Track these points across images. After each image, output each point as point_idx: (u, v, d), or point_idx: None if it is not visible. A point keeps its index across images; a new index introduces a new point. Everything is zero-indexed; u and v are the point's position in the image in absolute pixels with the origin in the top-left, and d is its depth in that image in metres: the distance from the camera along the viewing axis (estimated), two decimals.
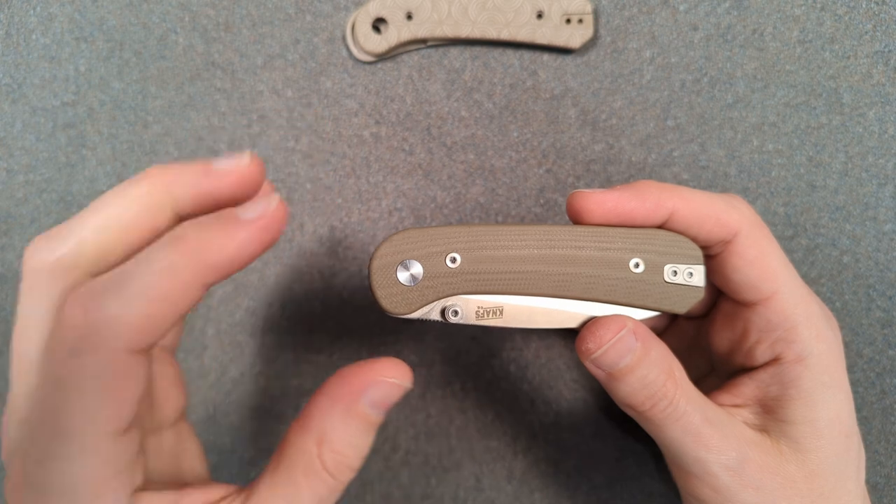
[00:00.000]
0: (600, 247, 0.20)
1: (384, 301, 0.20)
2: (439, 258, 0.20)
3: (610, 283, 0.20)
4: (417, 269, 0.20)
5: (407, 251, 0.20)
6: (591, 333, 0.20)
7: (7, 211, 0.31)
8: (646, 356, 0.20)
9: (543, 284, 0.20)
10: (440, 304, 0.20)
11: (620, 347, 0.20)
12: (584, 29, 0.30)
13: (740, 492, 0.20)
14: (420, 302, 0.20)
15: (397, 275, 0.20)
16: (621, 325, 0.20)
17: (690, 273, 0.21)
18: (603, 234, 0.20)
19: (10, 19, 0.32)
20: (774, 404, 0.21)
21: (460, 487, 0.30)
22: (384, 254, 0.20)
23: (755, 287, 0.21)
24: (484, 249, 0.20)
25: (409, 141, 0.32)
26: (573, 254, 0.20)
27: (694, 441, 0.20)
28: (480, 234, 0.20)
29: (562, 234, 0.20)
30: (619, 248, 0.20)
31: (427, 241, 0.20)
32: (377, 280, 0.20)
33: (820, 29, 0.31)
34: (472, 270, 0.20)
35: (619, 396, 0.21)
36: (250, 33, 0.32)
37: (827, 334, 0.21)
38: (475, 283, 0.20)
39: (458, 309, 0.20)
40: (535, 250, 0.20)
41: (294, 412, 0.31)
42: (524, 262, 0.20)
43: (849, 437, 0.21)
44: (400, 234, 0.20)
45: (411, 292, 0.20)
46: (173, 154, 0.31)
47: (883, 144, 0.31)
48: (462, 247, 0.20)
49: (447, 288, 0.20)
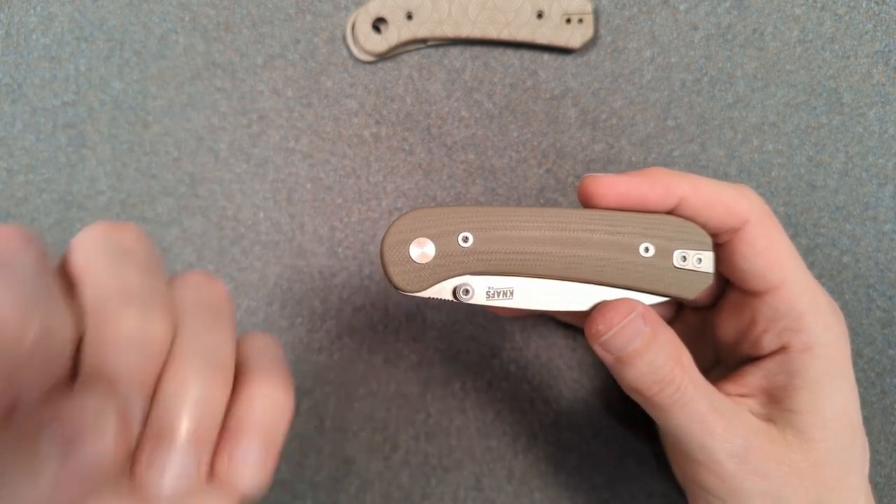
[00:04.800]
0: (611, 230, 0.20)
1: (396, 278, 0.20)
2: (451, 237, 0.20)
3: (620, 266, 0.20)
4: (430, 248, 0.20)
5: (420, 229, 0.20)
6: (600, 316, 0.20)
7: (7, 211, 0.31)
8: (654, 340, 0.20)
9: (554, 266, 0.20)
10: (451, 284, 0.20)
11: (629, 331, 0.20)
12: (584, 29, 0.30)
13: (745, 480, 0.20)
14: (431, 280, 0.20)
15: (410, 252, 0.20)
16: (631, 309, 0.20)
17: (699, 259, 0.21)
18: (614, 218, 0.21)
19: (10, 19, 0.32)
20: (781, 394, 0.21)
21: (460, 487, 0.30)
22: (397, 231, 0.20)
23: (763, 276, 0.21)
24: (496, 230, 0.20)
25: (409, 141, 0.32)
26: (584, 236, 0.20)
27: (700, 428, 0.20)
28: (493, 215, 0.20)
29: (574, 216, 0.20)
30: (630, 233, 0.20)
31: (440, 219, 0.20)
32: (389, 257, 0.20)
33: (820, 29, 0.31)
34: (484, 250, 0.20)
35: (626, 381, 0.21)
36: (250, 33, 0.32)
37: (834, 325, 0.21)
38: (487, 262, 0.20)
39: (469, 288, 0.20)
40: (547, 232, 0.20)
41: (294, 411, 0.31)
42: (536, 244, 0.20)
43: (854, 429, 0.21)
44: (413, 213, 0.20)
45: (423, 270, 0.20)
46: (173, 154, 0.31)
47: (883, 144, 0.31)
48: (474, 226, 0.20)
49: (459, 267, 0.20)
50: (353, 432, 0.31)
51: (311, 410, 0.31)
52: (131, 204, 0.31)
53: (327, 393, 0.31)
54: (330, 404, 0.31)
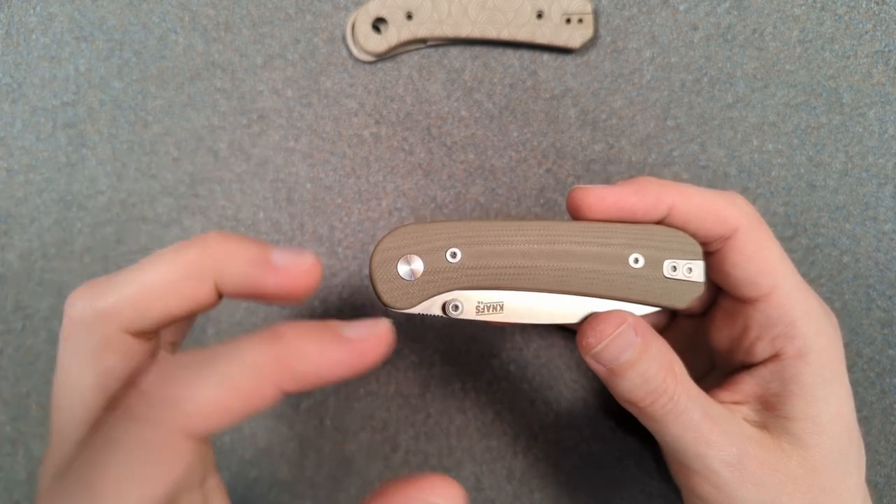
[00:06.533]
0: (600, 242, 0.20)
1: (385, 296, 0.20)
2: (440, 253, 0.20)
3: (610, 278, 0.20)
4: (418, 264, 0.20)
5: (408, 246, 0.20)
6: (591, 328, 0.20)
7: (7, 211, 0.31)
8: (646, 351, 0.20)
9: (544, 279, 0.20)
10: (441, 299, 0.20)
11: (621, 342, 0.20)
12: (584, 29, 0.30)
13: (741, 488, 0.20)
14: (421, 297, 0.20)
15: (398, 269, 0.20)
16: (621, 320, 0.20)
17: (690, 268, 0.21)
18: (603, 230, 0.21)
19: (10, 19, 0.32)
20: (775, 400, 0.21)
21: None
22: (385, 248, 0.20)
23: (755, 283, 0.21)
24: (484, 244, 0.20)
25: (409, 141, 0.32)
26: (573, 249, 0.20)
27: (695, 437, 0.20)
28: (481, 229, 0.20)
29: (562, 229, 0.20)
30: (619, 244, 0.20)
31: (428, 236, 0.20)
32: (378, 275, 0.20)
33: (820, 29, 0.31)
34: (473, 265, 0.20)
35: (619, 392, 0.21)
36: (250, 33, 0.32)
37: (827, 330, 0.22)
38: (476, 277, 0.20)
39: (458, 304, 0.20)
40: (536, 245, 0.20)
41: (294, 411, 0.31)
42: (524, 258, 0.20)
43: (850, 433, 0.21)
44: (401, 230, 0.20)
45: (412, 287, 0.20)
46: (173, 154, 0.31)
47: (883, 144, 0.31)
48: (462, 242, 0.20)
49: (448, 283, 0.20)
50: (353, 432, 0.31)
51: (311, 410, 0.31)
52: (131, 204, 0.31)
53: (327, 393, 0.31)
54: (330, 404, 0.31)
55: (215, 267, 0.17)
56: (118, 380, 0.17)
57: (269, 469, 0.31)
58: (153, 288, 0.16)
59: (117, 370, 0.17)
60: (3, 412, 0.31)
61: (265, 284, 0.17)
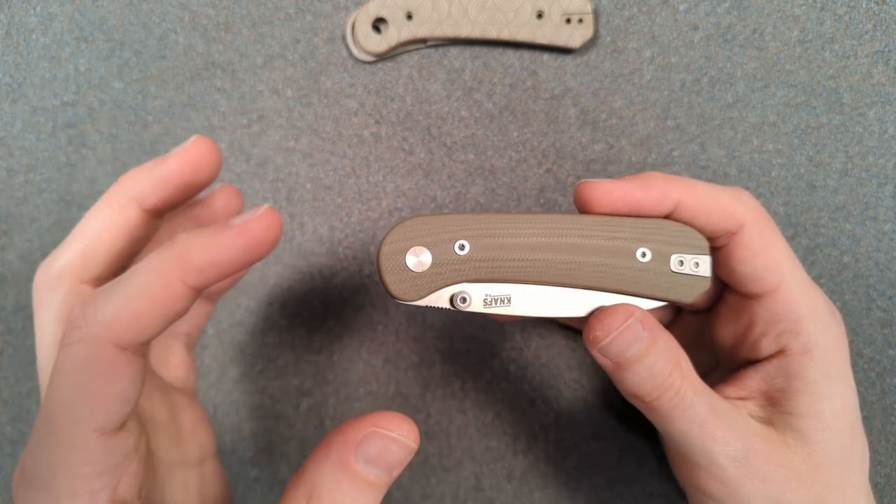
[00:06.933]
0: (608, 236, 0.20)
1: (393, 287, 0.20)
2: (448, 245, 0.20)
3: (617, 271, 0.20)
4: (426, 256, 0.20)
5: (416, 238, 0.20)
6: (598, 322, 0.20)
7: (7, 211, 0.31)
8: (653, 345, 0.20)
9: (551, 273, 0.20)
10: (448, 292, 0.20)
11: (628, 336, 0.20)
12: (584, 29, 0.30)
13: (746, 483, 0.20)
14: (428, 289, 0.20)
15: (406, 261, 0.20)
16: (629, 314, 0.20)
17: (696, 263, 0.21)
18: (610, 224, 0.21)
19: (10, 19, 0.32)
20: (780, 396, 0.21)
21: (460, 487, 0.30)
22: (393, 240, 0.20)
23: (760, 278, 0.21)
24: (492, 237, 0.20)
25: (409, 141, 0.32)
26: (581, 242, 0.20)
27: (700, 432, 0.20)
28: (489, 222, 0.20)
29: (570, 222, 0.20)
30: (627, 238, 0.20)
31: (436, 228, 0.20)
32: (386, 266, 0.20)
33: (820, 29, 0.31)
34: (481, 258, 0.20)
35: (625, 387, 0.21)
36: (250, 33, 0.32)
37: (832, 327, 0.21)
38: (483, 270, 0.20)
39: (466, 296, 0.20)
40: (544, 238, 0.20)
41: (294, 412, 0.31)
42: (532, 250, 0.20)
43: (854, 429, 0.21)
44: (409, 221, 0.20)
45: (420, 279, 0.20)
46: None
47: (883, 144, 0.31)
48: (471, 234, 0.20)
49: (455, 275, 0.20)
50: None
51: (311, 410, 0.31)
52: None
53: (327, 393, 0.31)
54: (330, 404, 0.31)
55: (127, 188, 0.19)
56: None
57: (269, 469, 0.31)
58: (89, 230, 0.19)
59: None
60: (3, 412, 0.31)
61: (168, 172, 0.19)
